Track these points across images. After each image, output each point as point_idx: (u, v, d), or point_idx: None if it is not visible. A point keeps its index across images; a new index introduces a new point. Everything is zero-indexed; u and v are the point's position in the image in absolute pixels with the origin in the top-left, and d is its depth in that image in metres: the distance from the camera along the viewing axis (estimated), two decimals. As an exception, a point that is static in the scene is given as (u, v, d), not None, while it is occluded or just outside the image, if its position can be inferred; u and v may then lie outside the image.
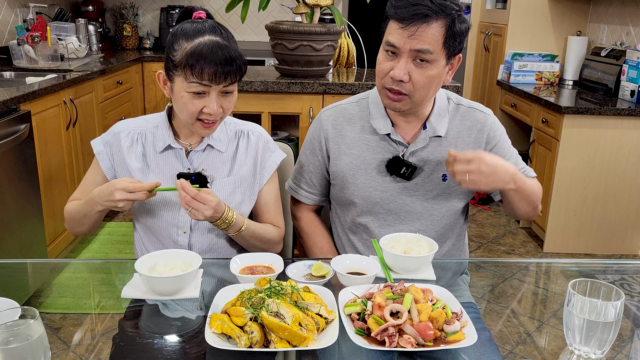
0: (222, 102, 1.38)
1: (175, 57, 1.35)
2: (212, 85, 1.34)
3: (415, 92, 1.41)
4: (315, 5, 2.42)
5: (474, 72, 5.00)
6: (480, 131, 1.55)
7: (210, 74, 1.32)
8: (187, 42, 1.34)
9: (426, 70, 1.38)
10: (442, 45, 1.36)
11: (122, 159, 1.48)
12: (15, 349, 0.89)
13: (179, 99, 1.37)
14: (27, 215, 2.59)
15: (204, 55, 1.31)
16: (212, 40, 1.33)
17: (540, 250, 3.52)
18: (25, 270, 1.62)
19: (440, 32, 1.35)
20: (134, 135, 1.50)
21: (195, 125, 1.40)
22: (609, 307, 1.04)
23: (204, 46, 1.32)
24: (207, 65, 1.31)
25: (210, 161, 1.50)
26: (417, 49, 1.35)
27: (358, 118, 1.57)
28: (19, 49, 3.54)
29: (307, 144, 1.64)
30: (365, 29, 3.63)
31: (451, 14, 1.35)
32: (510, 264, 1.71)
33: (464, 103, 1.58)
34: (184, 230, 1.48)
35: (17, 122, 2.49)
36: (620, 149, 3.29)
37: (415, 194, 1.54)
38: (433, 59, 1.37)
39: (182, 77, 1.34)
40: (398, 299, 1.09)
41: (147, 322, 1.24)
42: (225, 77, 1.33)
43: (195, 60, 1.31)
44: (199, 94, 1.35)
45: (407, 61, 1.38)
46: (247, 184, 1.52)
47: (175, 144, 1.47)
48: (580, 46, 4.03)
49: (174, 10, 4.92)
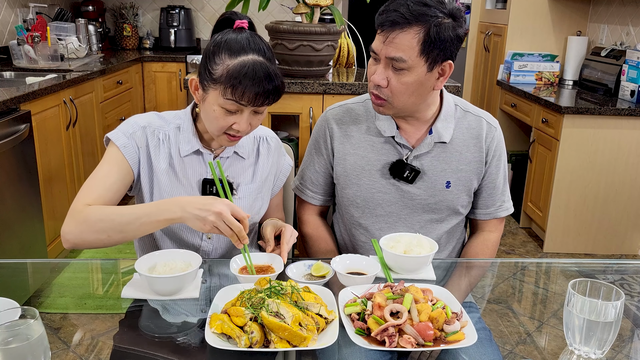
0: (251, 119, 1.35)
1: (216, 71, 1.30)
2: (247, 105, 1.31)
3: (394, 97, 1.40)
4: (315, 5, 2.41)
5: (474, 72, 5.00)
6: (485, 141, 1.54)
7: (250, 96, 1.28)
8: (230, 58, 1.29)
9: (402, 76, 1.37)
10: (419, 53, 1.34)
11: (148, 156, 1.42)
12: (15, 349, 0.89)
13: (210, 111, 1.33)
14: (27, 215, 2.59)
15: (247, 76, 1.27)
16: (255, 61, 1.29)
17: (540, 250, 3.52)
18: (25, 270, 1.62)
19: (415, 39, 1.33)
20: (159, 134, 1.43)
21: (220, 137, 1.37)
22: (609, 307, 1.04)
23: (249, 68, 1.27)
24: (248, 88, 1.27)
25: (234, 167, 1.49)
26: (390, 57, 1.35)
27: (364, 118, 1.56)
28: (19, 49, 3.54)
29: (312, 142, 1.64)
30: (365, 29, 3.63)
31: (429, 21, 1.32)
32: (510, 264, 1.71)
33: (472, 111, 1.57)
34: (209, 235, 1.47)
35: (17, 122, 2.49)
36: (620, 149, 3.29)
37: (417, 198, 1.53)
38: (408, 67, 1.35)
39: (219, 93, 1.30)
40: (398, 299, 1.09)
41: (147, 322, 1.24)
42: (264, 100, 1.30)
43: (238, 82, 1.27)
44: (232, 111, 1.32)
45: (386, 67, 1.38)
46: (265, 189, 1.54)
47: (204, 150, 1.44)
48: (580, 46, 4.03)
49: (174, 10, 4.92)
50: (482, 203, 1.60)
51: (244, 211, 1.46)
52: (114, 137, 1.40)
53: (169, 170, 1.44)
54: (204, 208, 1.22)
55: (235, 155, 1.49)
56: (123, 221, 1.29)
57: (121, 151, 1.39)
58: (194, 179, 1.45)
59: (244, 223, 1.25)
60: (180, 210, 1.24)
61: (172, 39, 4.94)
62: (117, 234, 1.30)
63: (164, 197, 1.43)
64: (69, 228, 1.31)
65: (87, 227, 1.30)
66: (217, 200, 1.24)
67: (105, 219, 1.29)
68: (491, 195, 1.59)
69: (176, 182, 1.44)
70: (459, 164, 1.53)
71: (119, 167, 1.39)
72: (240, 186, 1.48)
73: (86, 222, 1.30)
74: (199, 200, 1.25)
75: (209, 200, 1.24)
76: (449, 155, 1.52)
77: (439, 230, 1.57)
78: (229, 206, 1.24)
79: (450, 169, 1.52)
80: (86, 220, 1.30)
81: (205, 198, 1.26)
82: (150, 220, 1.27)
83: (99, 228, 1.29)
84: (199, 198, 1.26)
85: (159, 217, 1.26)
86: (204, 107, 1.36)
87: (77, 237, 1.31)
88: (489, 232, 1.63)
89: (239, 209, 1.25)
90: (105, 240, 1.31)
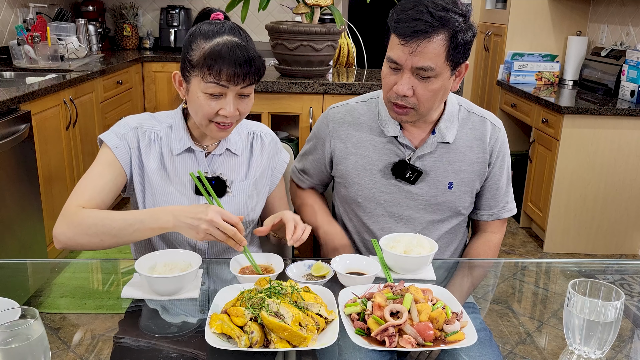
0: (238, 104, 1.35)
1: (193, 57, 1.32)
2: (229, 86, 1.31)
3: (420, 105, 1.39)
4: (315, 5, 2.41)
5: (474, 72, 5.00)
6: (489, 143, 1.54)
7: (228, 74, 1.29)
8: (205, 42, 1.31)
9: (430, 84, 1.36)
10: (445, 59, 1.33)
11: (139, 156, 1.43)
12: (15, 349, 0.89)
13: (195, 99, 1.34)
14: (27, 215, 2.59)
15: (222, 55, 1.28)
16: (230, 40, 1.31)
17: (540, 250, 3.52)
18: (25, 270, 1.62)
19: (442, 46, 1.31)
20: (151, 134, 1.44)
21: (209, 127, 1.37)
22: (609, 307, 1.04)
23: (223, 46, 1.29)
24: (225, 66, 1.28)
25: (227, 164, 1.49)
26: (418, 67, 1.33)
27: (366, 118, 1.56)
28: (19, 49, 3.54)
29: (312, 136, 1.64)
30: (365, 29, 3.63)
31: (454, 26, 1.31)
32: (510, 264, 1.71)
33: (476, 111, 1.56)
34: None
35: (17, 122, 2.49)
36: (620, 149, 3.29)
37: (419, 198, 1.53)
38: (436, 74, 1.34)
39: (199, 78, 1.31)
40: (398, 299, 1.09)
41: (147, 322, 1.24)
42: (244, 78, 1.30)
43: (214, 60, 1.28)
44: (216, 95, 1.32)
45: (410, 77, 1.35)
46: (261, 186, 1.53)
47: (195, 147, 1.44)
48: (580, 46, 4.03)
49: (174, 10, 4.92)
50: (485, 204, 1.60)
51: (238, 208, 1.47)
52: (106, 138, 1.41)
53: (161, 170, 1.44)
54: (196, 217, 1.23)
55: (227, 152, 1.48)
56: (116, 226, 1.29)
57: (113, 152, 1.40)
58: (187, 177, 1.45)
59: (238, 227, 1.26)
60: (173, 219, 1.26)
61: (172, 39, 4.95)
62: (110, 238, 1.30)
63: (157, 196, 1.43)
64: (61, 229, 1.32)
65: (81, 230, 1.30)
66: (208, 208, 1.25)
67: (99, 224, 1.30)
68: (494, 196, 1.59)
69: (168, 181, 1.44)
70: (462, 164, 1.52)
71: (111, 168, 1.40)
72: (234, 183, 1.48)
73: (80, 225, 1.30)
74: (191, 209, 1.26)
75: (200, 209, 1.25)
76: (452, 155, 1.52)
77: (441, 230, 1.57)
78: (220, 212, 1.24)
79: (453, 170, 1.52)
80: (80, 223, 1.30)
81: (197, 206, 1.27)
82: (144, 227, 1.28)
83: (92, 232, 1.30)
84: (191, 207, 1.28)
85: (152, 225, 1.28)
86: (189, 98, 1.37)
87: (69, 239, 1.31)
88: (491, 233, 1.63)
89: (230, 214, 1.25)
90: (98, 243, 1.31)
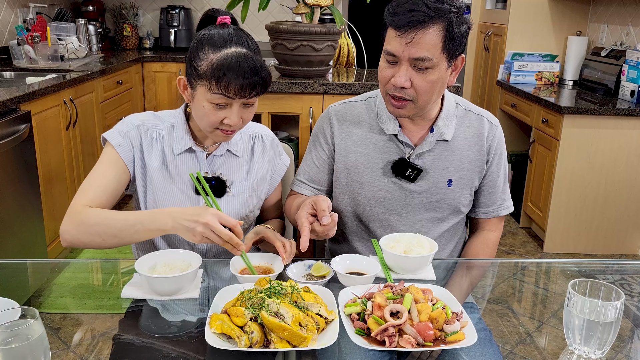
0: (242, 113, 1.36)
1: (200, 66, 1.31)
2: (235, 98, 1.31)
3: (419, 97, 1.40)
4: (315, 5, 2.41)
5: (474, 72, 5.00)
6: (486, 140, 1.55)
7: (236, 88, 1.29)
8: (214, 52, 1.30)
9: (427, 75, 1.37)
10: (442, 50, 1.34)
11: (142, 154, 1.44)
12: (15, 349, 0.89)
13: (200, 108, 1.34)
14: (27, 215, 2.59)
15: (230, 68, 1.27)
16: (239, 52, 1.30)
17: (540, 250, 3.52)
18: (25, 270, 1.62)
19: (438, 36, 1.33)
20: (153, 132, 1.45)
21: (214, 133, 1.38)
22: (609, 307, 1.04)
23: (232, 59, 1.28)
24: (233, 80, 1.28)
25: (227, 165, 1.49)
26: (415, 57, 1.34)
27: (366, 117, 1.56)
28: (19, 49, 3.54)
29: (312, 139, 1.64)
30: (365, 29, 3.63)
31: (449, 17, 1.33)
32: (510, 264, 1.71)
33: (473, 110, 1.57)
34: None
35: (17, 122, 2.49)
36: (620, 149, 3.29)
37: (419, 196, 1.53)
38: (433, 65, 1.35)
39: (206, 88, 1.31)
40: (398, 299, 1.09)
41: (147, 322, 1.24)
42: (251, 91, 1.31)
43: (222, 74, 1.28)
44: (221, 105, 1.33)
45: (408, 68, 1.36)
46: (261, 188, 1.54)
47: (196, 147, 1.45)
48: (580, 46, 4.03)
49: (174, 10, 4.92)
50: (483, 201, 1.61)
51: (238, 208, 1.46)
52: (110, 137, 1.42)
53: (162, 169, 1.45)
54: (192, 219, 1.23)
55: (228, 153, 1.49)
56: (118, 227, 1.31)
57: (116, 150, 1.41)
58: (188, 176, 1.45)
59: (235, 230, 1.25)
60: (171, 221, 1.26)
61: (172, 39, 4.95)
62: (112, 238, 1.32)
63: (158, 194, 1.44)
64: (66, 227, 1.34)
65: (84, 229, 1.32)
66: (206, 210, 1.24)
67: (101, 223, 1.31)
68: (492, 193, 1.59)
69: (170, 180, 1.45)
70: (460, 162, 1.53)
71: (114, 167, 1.41)
72: (234, 184, 1.48)
73: (83, 224, 1.32)
74: (188, 211, 1.26)
75: (198, 211, 1.24)
76: (450, 153, 1.52)
77: (440, 228, 1.57)
78: (217, 215, 1.23)
79: (452, 167, 1.53)
80: (83, 222, 1.32)
81: (195, 209, 1.27)
82: (144, 228, 1.29)
83: (94, 231, 1.31)
84: (189, 209, 1.27)
85: (151, 226, 1.28)
86: (194, 104, 1.37)
87: (74, 237, 1.33)
88: (489, 231, 1.64)
89: (228, 217, 1.24)
90: (101, 242, 1.33)
